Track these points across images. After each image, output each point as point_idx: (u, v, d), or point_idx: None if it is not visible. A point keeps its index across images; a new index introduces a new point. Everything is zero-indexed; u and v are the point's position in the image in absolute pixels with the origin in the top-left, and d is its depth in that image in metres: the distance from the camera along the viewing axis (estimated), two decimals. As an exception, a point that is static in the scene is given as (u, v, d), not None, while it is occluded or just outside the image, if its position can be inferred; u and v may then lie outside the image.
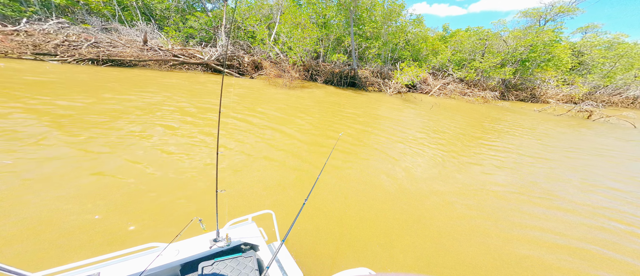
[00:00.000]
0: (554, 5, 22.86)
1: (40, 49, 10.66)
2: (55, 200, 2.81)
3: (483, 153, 6.43)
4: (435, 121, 9.85)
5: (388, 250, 2.77)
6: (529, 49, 21.18)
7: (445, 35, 30.49)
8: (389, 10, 20.37)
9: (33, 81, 7.24)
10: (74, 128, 4.57)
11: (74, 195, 2.93)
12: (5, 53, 9.62)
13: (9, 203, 2.66)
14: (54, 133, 4.31)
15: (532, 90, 22.48)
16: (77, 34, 13.16)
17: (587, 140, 9.40)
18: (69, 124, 4.73)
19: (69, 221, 2.54)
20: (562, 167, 6.00)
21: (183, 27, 17.56)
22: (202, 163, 4.07)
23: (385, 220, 3.26)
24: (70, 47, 11.72)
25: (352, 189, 3.90)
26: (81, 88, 7.27)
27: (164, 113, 6.08)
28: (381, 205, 3.58)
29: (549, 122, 12.66)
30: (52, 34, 12.45)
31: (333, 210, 3.34)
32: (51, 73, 8.53)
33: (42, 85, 7.03)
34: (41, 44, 11.13)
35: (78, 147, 3.98)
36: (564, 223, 3.63)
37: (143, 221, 2.70)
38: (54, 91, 6.58)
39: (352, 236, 2.91)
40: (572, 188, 4.84)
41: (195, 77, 12.81)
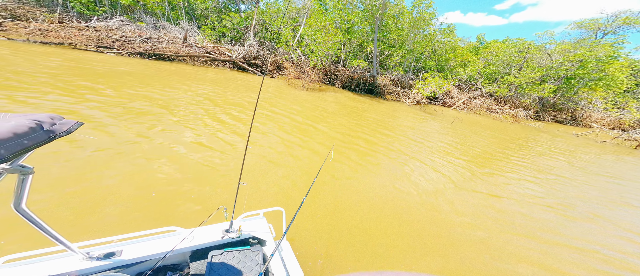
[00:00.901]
0: (618, 16, 19.72)
1: (102, 43, 12.52)
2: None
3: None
4: (458, 136, 9.34)
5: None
6: (578, 65, 18.58)
7: (479, 46, 28.19)
8: (418, 18, 19.56)
9: (118, 72, 8.64)
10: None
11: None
12: (75, 45, 11.52)
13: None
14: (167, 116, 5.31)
15: (573, 111, 19.71)
16: (133, 31, 15.12)
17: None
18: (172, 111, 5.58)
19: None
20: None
21: (218, 26, 19.00)
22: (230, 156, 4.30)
23: (403, 231, 3.17)
24: (126, 41, 13.54)
25: (367, 197, 3.84)
26: (157, 80, 8.45)
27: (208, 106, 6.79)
28: (400, 216, 3.48)
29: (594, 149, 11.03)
30: (113, 30, 14.51)
31: (345, 213, 3.34)
32: (123, 65, 10.02)
33: (128, 76, 8.44)
34: (104, 38, 13.07)
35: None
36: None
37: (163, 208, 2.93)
38: (144, 82, 7.84)
39: (362, 241, 2.88)
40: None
41: (228, 73, 13.91)
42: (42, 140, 0.72)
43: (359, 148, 6.16)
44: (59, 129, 0.76)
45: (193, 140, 4.72)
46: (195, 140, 4.74)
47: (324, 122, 7.95)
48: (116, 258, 1.35)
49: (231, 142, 4.97)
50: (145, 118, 5.32)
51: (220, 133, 5.31)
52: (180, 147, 4.37)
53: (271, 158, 4.58)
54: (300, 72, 15.94)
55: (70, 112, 4.96)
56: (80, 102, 5.46)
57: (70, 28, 13.46)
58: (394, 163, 5.61)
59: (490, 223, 3.72)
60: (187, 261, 1.63)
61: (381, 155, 5.98)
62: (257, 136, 5.55)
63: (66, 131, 0.78)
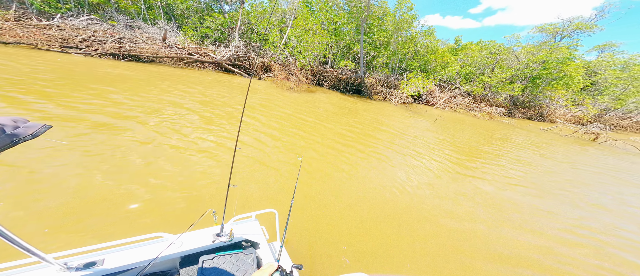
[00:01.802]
0: (572, 22, 21.71)
1: (67, 42, 11.17)
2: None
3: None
4: (444, 134, 9.64)
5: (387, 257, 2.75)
6: (541, 66, 20.18)
7: (456, 48, 29.62)
8: (401, 20, 20.01)
9: (99, 73, 7.60)
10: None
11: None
12: (36, 45, 10.15)
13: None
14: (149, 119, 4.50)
15: (540, 108, 21.40)
16: (104, 30, 13.72)
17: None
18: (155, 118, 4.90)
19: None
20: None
21: (200, 26, 17.94)
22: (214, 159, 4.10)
23: (391, 228, 3.23)
24: (95, 41, 12.22)
25: (354, 195, 3.89)
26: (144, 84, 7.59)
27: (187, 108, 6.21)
28: (388, 212, 3.57)
29: (558, 143, 12.00)
30: (80, 29, 13.04)
31: (334, 213, 3.33)
32: (101, 66, 8.93)
33: (120, 79, 7.61)
34: (70, 37, 11.68)
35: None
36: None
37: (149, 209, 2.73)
38: (122, 84, 6.88)
39: (351, 239, 2.89)
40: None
41: (213, 74, 13.12)
42: (4, 144, 0.66)
43: (354, 146, 6.15)
44: (23, 133, 0.69)
45: (178, 144, 4.38)
46: (180, 144, 4.39)
47: (316, 122, 7.79)
48: (98, 268, 1.26)
49: (219, 144, 4.71)
50: (126, 121, 4.76)
51: (207, 136, 4.99)
52: (164, 150, 4.02)
53: (262, 160, 4.42)
54: (288, 73, 15.53)
55: (43, 113, 4.33)
56: (61, 106, 4.71)
57: (29, 26, 11.85)
58: (391, 161, 5.70)
59: (480, 205, 4.28)
60: (177, 268, 1.56)
61: (377, 153, 6.02)
62: (246, 138, 5.31)
63: (32, 135, 0.71)
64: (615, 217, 4.58)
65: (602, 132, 13.87)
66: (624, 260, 3.35)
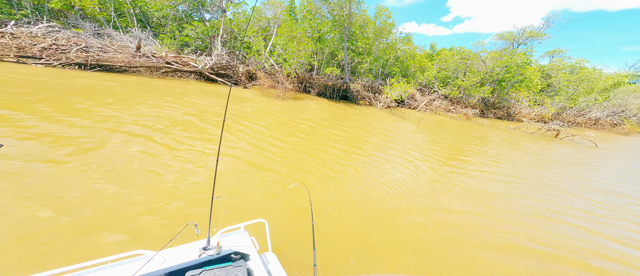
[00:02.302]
0: (526, 30, 24.29)
1: (24, 52, 9.93)
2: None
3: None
4: (430, 135, 10.05)
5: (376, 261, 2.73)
6: (505, 70, 22.19)
7: (432, 54, 31.55)
8: (381, 28, 20.88)
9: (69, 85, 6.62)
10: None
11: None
12: (-16, 55, 8.86)
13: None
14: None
15: (508, 109, 23.40)
16: (67, 38, 12.44)
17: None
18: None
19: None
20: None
21: (179, 35, 17.09)
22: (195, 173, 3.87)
23: (380, 232, 3.19)
24: (57, 50, 11.02)
25: (349, 201, 3.85)
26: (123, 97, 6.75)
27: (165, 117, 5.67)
28: (377, 217, 3.56)
29: (526, 140, 13.09)
30: (40, 37, 11.69)
31: (329, 220, 3.25)
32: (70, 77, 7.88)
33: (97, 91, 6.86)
34: (26, 46, 10.40)
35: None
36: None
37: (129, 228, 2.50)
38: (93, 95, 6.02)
39: (344, 247, 2.82)
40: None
41: (194, 84, 12.41)
42: None
43: (347, 150, 6.18)
44: None
45: (159, 157, 4.11)
46: (161, 158, 4.10)
47: (310, 129, 7.68)
48: None
49: (202, 156, 4.50)
50: (97, 133, 4.28)
51: (189, 148, 4.74)
52: (144, 164, 3.76)
53: (249, 171, 4.28)
54: (274, 81, 15.28)
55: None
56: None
57: (-27, 34, 10.35)
58: (386, 162, 5.83)
59: (464, 192, 4.86)
60: None
61: (373, 155, 6.12)
62: (231, 150, 5.08)
63: None
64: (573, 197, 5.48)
65: (562, 129, 15.44)
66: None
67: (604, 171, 8.23)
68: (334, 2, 17.81)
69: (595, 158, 10.42)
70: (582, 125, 24.72)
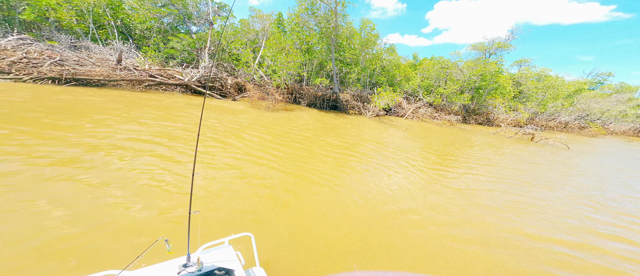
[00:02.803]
0: (494, 41, 26.36)
1: (-11, 67, 9.15)
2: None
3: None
4: (419, 142, 10.35)
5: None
6: (480, 78, 23.73)
7: (415, 63, 33.12)
8: (366, 39, 21.69)
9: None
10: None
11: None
12: (-59, 71, 8.04)
13: None
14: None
15: (487, 114, 24.87)
16: (40, 51, 11.67)
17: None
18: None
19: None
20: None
21: (164, 47, 16.65)
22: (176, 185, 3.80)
23: (371, 238, 3.25)
24: (29, 64, 10.28)
25: (339, 211, 3.86)
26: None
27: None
28: (376, 219, 3.67)
29: (507, 145, 13.89)
30: (9, 51, 10.88)
31: (318, 231, 3.22)
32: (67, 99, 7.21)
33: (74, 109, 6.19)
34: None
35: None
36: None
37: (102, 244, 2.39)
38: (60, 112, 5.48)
39: (333, 256, 2.83)
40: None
41: (178, 98, 11.99)
42: None
43: (342, 158, 6.25)
44: None
45: (134, 173, 3.97)
46: (137, 174, 3.96)
47: (306, 139, 7.64)
48: None
49: (181, 169, 4.40)
50: (65, 151, 3.92)
51: (166, 162, 4.59)
52: (118, 183, 3.60)
53: (237, 183, 4.22)
54: (264, 93, 15.18)
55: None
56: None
57: None
58: (381, 168, 5.96)
59: (459, 196, 5.07)
60: None
61: (367, 162, 6.22)
62: (218, 162, 4.98)
63: None
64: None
65: (536, 133, 16.59)
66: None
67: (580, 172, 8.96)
68: (320, 15, 18.37)
69: (568, 158, 11.27)
70: (553, 129, 26.69)
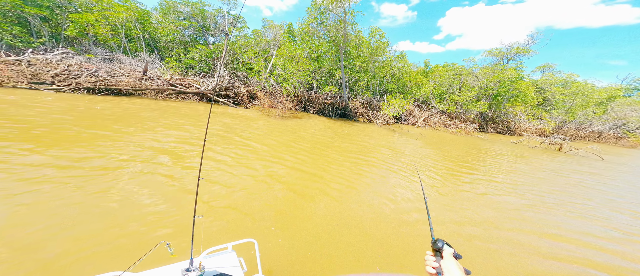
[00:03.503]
0: (512, 47, 24.97)
1: (38, 78, 10.48)
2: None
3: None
4: (436, 150, 10.14)
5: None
6: (498, 85, 22.51)
7: (427, 70, 32.33)
8: (376, 47, 21.69)
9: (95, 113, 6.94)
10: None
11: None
12: (1, 82, 9.37)
13: None
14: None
15: (507, 123, 23.42)
16: (79, 64, 13.16)
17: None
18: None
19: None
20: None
21: (184, 58, 17.93)
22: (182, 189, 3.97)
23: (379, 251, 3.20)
24: (69, 76, 11.61)
25: (349, 218, 3.83)
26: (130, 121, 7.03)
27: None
28: (375, 236, 3.60)
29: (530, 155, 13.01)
30: (54, 64, 12.39)
31: (323, 240, 3.18)
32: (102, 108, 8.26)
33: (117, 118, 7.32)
34: (40, 73, 10.99)
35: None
36: None
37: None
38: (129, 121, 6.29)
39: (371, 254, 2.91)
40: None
41: (196, 106, 12.86)
42: None
43: (355, 167, 6.23)
44: None
45: (141, 173, 4.24)
46: (142, 175, 4.19)
47: (310, 148, 7.74)
48: None
49: (182, 174, 4.56)
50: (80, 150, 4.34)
51: (173, 165, 4.81)
52: (129, 184, 3.81)
53: (231, 191, 4.26)
54: (274, 100, 15.68)
55: None
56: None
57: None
58: (388, 179, 5.86)
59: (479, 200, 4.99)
60: None
61: (372, 171, 6.13)
62: (226, 168, 5.15)
63: None
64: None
65: (565, 143, 15.30)
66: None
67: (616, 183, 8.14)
68: (330, 24, 18.78)
69: (603, 169, 10.37)
70: (585, 139, 24.42)
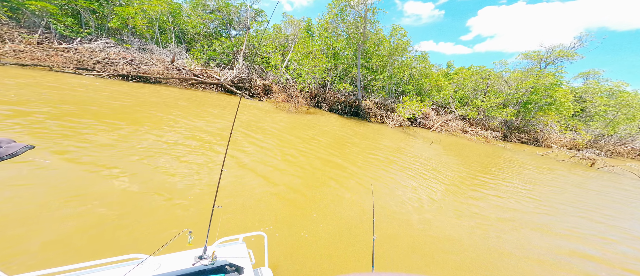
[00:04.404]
0: (554, 50, 22.51)
1: (82, 64, 11.75)
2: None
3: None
4: (458, 159, 9.83)
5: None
6: (531, 91, 20.56)
7: (449, 72, 30.52)
8: (395, 46, 20.93)
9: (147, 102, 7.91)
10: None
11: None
12: (51, 66, 10.68)
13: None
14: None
15: (534, 133, 21.39)
16: (118, 53, 14.48)
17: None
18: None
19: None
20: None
21: (207, 50, 18.85)
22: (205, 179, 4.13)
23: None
24: (108, 63, 12.84)
25: (355, 218, 3.82)
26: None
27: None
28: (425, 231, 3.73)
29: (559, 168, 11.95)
30: (96, 52, 13.78)
31: (327, 238, 3.19)
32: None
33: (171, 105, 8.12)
34: (85, 60, 12.30)
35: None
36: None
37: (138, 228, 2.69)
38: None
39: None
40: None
41: (216, 96, 13.57)
42: None
43: (369, 166, 6.21)
44: (4, 152, 0.76)
45: (168, 163, 4.43)
46: (170, 164, 4.43)
47: (320, 145, 7.82)
48: None
49: (207, 163, 4.74)
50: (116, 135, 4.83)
51: (195, 156, 5.03)
52: (149, 170, 4.05)
53: (261, 183, 4.37)
54: (288, 95, 15.96)
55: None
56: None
57: (49, 49, 12.56)
58: (403, 182, 5.80)
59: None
60: None
61: (380, 174, 6.08)
62: (243, 159, 5.34)
63: (11, 154, 0.76)
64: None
65: (599, 158, 13.73)
66: None
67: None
68: (349, 21, 18.45)
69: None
70: (623, 155, 21.55)
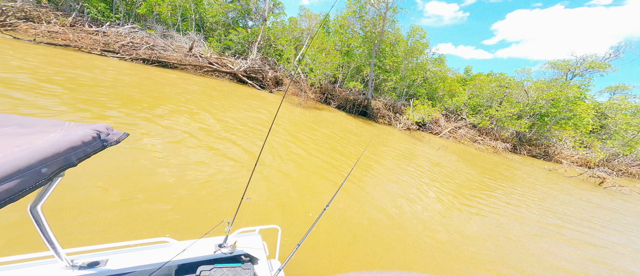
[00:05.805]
0: (585, 60, 20.98)
1: (108, 47, 12.30)
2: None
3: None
4: (471, 168, 9.69)
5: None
6: (550, 103, 19.46)
7: (465, 78, 29.24)
8: (412, 47, 20.23)
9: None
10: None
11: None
12: (80, 47, 11.27)
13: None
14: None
15: (546, 147, 20.42)
16: (141, 38, 14.97)
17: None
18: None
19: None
20: None
21: (224, 39, 19.06)
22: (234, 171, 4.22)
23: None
24: (131, 47, 13.35)
25: (363, 220, 3.81)
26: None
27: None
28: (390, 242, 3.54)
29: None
30: (122, 36, 14.31)
31: (340, 238, 3.21)
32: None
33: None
34: (111, 43, 12.85)
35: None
36: None
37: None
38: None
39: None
40: None
41: (229, 85, 13.86)
42: (98, 148, 0.75)
43: (376, 169, 6.26)
44: (111, 139, 0.80)
45: (201, 155, 4.51)
46: (203, 155, 4.52)
47: (338, 146, 7.81)
48: (101, 268, 1.26)
49: (239, 158, 4.77)
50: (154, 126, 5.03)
51: (229, 148, 5.04)
52: (182, 160, 4.16)
53: (280, 178, 4.42)
54: (298, 89, 16.03)
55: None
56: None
57: (80, 31, 13.20)
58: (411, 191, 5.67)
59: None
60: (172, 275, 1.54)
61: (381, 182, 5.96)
62: (266, 155, 5.37)
63: (116, 141, 0.81)
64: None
65: (609, 177, 13.08)
66: None
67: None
68: (367, 19, 17.96)
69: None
70: (635, 176, 20.24)
